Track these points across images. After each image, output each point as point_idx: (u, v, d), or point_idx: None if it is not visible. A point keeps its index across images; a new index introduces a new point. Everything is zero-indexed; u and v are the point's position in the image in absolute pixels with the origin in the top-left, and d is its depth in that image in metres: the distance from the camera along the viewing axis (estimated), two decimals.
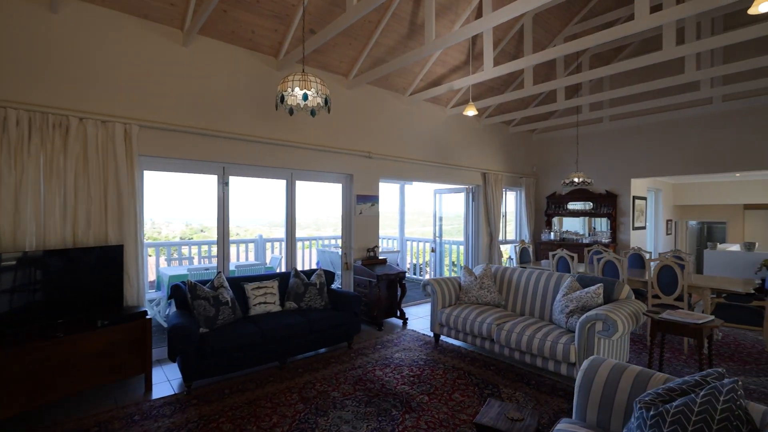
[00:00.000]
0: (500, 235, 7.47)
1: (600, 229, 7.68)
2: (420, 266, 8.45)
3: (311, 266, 7.72)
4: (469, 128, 6.94)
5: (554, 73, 6.54)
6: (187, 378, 3.01)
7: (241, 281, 3.84)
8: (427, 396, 3.00)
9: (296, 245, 4.80)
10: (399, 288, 5.02)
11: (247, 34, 4.06)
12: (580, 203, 7.67)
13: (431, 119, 6.26)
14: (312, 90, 2.73)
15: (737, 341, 4.35)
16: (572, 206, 7.78)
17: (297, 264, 4.85)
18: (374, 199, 5.36)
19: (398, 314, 5.04)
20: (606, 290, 3.46)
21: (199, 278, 4.18)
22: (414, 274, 8.51)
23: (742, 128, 5.99)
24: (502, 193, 7.39)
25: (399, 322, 5.02)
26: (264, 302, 3.76)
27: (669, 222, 9.48)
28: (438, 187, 7.63)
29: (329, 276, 4.35)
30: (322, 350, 3.95)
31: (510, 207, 8.24)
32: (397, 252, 7.49)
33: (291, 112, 2.98)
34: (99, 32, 3.35)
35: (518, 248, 6.00)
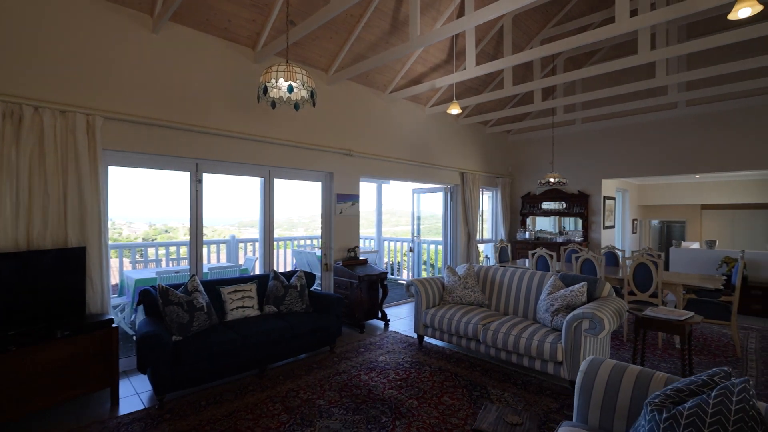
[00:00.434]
0: (478, 235, 7.53)
1: (569, 229, 7.90)
2: (397, 266, 8.38)
3: (287, 267, 7.48)
4: (448, 128, 6.94)
5: (531, 75, 6.65)
6: (159, 390, 2.78)
7: (217, 284, 3.62)
8: (416, 400, 2.92)
9: (274, 246, 4.60)
10: (380, 289, 4.93)
11: (223, 23, 3.84)
12: (554, 203, 7.85)
13: (411, 118, 6.20)
14: (297, 82, 2.58)
15: (705, 335, 4.54)
16: (546, 206, 7.95)
17: (274, 265, 4.65)
18: (355, 198, 5.24)
19: (380, 315, 4.94)
20: (588, 288, 3.51)
21: (170, 282, 3.92)
22: (391, 274, 8.44)
23: (703, 132, 6.30)
24: (480, 193, 7.45)
25: (381, 324, 4.92)
26: (242, 306, 3.56)
27: (634, 221, 9.90)
28: (416, 187, 7.59)
29: (309, 277, 4.19)
30: (303, 356, 3.79)
31: (486, 207, 8.34)
32: (376, 252, 7.39)
33: (273, 105, 2.82)
34: (58, 12, 3.05)
35: (497, 247, 6.04)
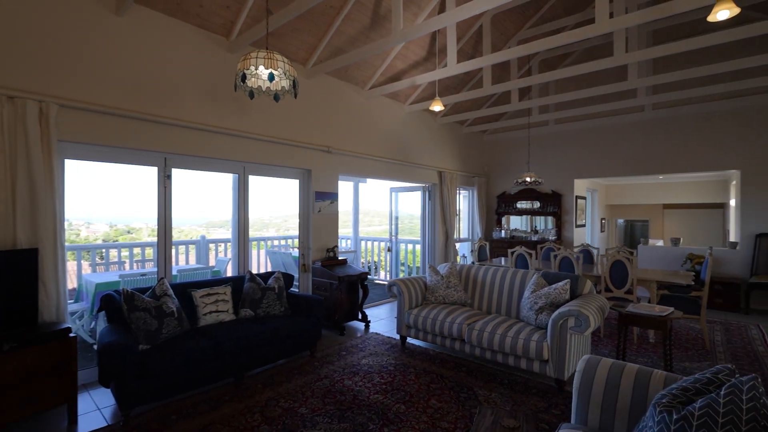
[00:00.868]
0: (455, 234, 7.54)
1: (541, 228, 8.07)
2: (374, 266, 8.27)
3: (260, 269, 7.20)
4: (426, 127, 6.90)
5: (507, 76, 6.71)
6: (125, 405, 2.53)
7: (188, 288, 3.38)
8: (404, 405, 2.81)
9: (249, 246, 4.37)
10: (360, 289, 4.80)
11: (195, 9, 3.59)
12: (529, 202, 7.99)
13: (390, 115, 6.11)
14: (279, 70, 2.42)
15: (675, 329, 4.71)
16: (521, 205, 8.08)
17: (246, 266, 4.41)
18: (333, 197, 5.08)
19: (360, 317, 4.81)
20: (571, 286, 3.53)
21: (136, 286, 3.63)
22: (369, 275, 8.31)
23: (667, 135, 6.57)
24: (457, 192, 7.46)
25: (361, 326, 4.79)
26: (216, 311, 3.33)
27: (602, 220, 10.25)
28: (394, 186, 7.51)
29: (287, 279, 4.00)
30: (282, 361, 3.61)
31: (462, 206, 8.37)
32: (353, 252, 7.25)
33: (251, 95, 2.63)
34: None
35: (476, 246, 6.06)
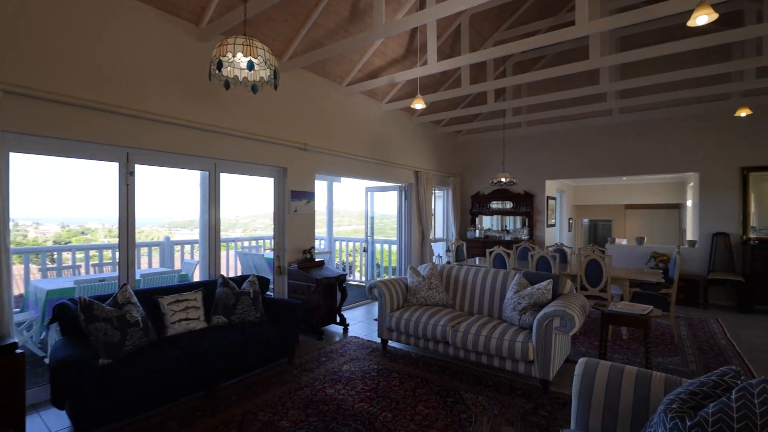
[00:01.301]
0: (431, 234, 7.52)
1: (510, 228, 8.22)
2: (349, 266, 8.11)
3: (230, 271, 6.87)
4: (403, 126, 6.83)
5: (483, 77, 6.75)
6: (83, 427, 2.27)
7: (154, 294, 3.11)
8: (390, 413, 2.70)
9: (220, 248, 4.11)
10: (339, 292, 4.64)
11: None
12: (502, 203, 8.10)
13: (367, 113, 5.98)
14: (259, 58, 2.24)
15: None
16: (494, 205, 8.18)
17: (218, 270, 4.15)
18: (310, 196, 4.89)
19: (338, 320, 4.65)
20: (552, 285, 3.55)
21: (94, 293, 3.31)
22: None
23: (634, 138, 6.85)
24: (433, 192, 7.44)
25: (339, 329, 4.64)
26: (185, 318, 3.09)
27: (570, 220, 10.59)
28: (370, 185, 7.39)
29: (263, 282, 3.80)
30: (259, 370, 3.40)
31: (436, 206, 8.37)
32: (328, 253, 7.07)
33: (227, 86, 2.44)
34: None
35: (454, 246, 6.04)
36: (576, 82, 6.89)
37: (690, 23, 2.70)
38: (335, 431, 2.47)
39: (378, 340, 4.19)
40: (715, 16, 2.60)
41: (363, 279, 7.75)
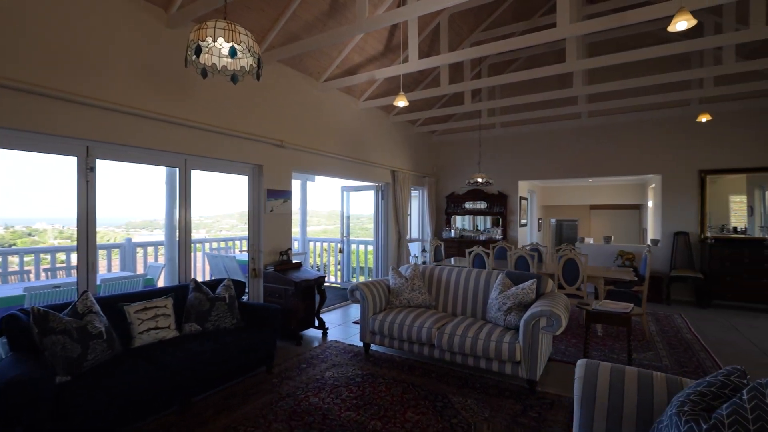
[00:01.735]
0: (408, 234, 7.47)
1: (481, 227, 8.34)
2: (323, 267, 7.92)
3: (196, 275, 6.51)
4: (380, 124, 6.73)
5: (460, 77, 6.77)
6: None
7: (119, 302, 2.84)
8: (379, 421, 2.60)
9: (191, 251, 3.85)
10: (318, 294, 4.48)
11: None
12: (477, 203, 8.18)
13: (344, 111, 5.84)
14: (242, 45, 2.07)
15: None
16: (469, 205, 8.25)
17: (189, 274, 3.88)
18: (287, 195, 4.70)
19: (317, 324, 4.49)
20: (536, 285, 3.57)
21: (48, 302, 2.99)
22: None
23: (602, 141, 7.10)
24: (410, 192, 7.39)
25: (318, 333, 4.48)
26: (155, 328, 2.84)
27: (539, 220, 10.89)
28: (346, 185, 7.25)
29: (239, 286, 3.58)
30: (236, 380, 3.19)
31: (412, 206, 8.34)
32: (303, 254, 6.85)
33: (204, 74, 2.25)
34: None
35: (433, 246, 6.02)
36: (547, 86, 7.07)
37: (670, 28, 2.78)
38: None
39: (359, 344, 4.07)
40: (694, 22, 2.68)
41: (338, 281, 7.59)
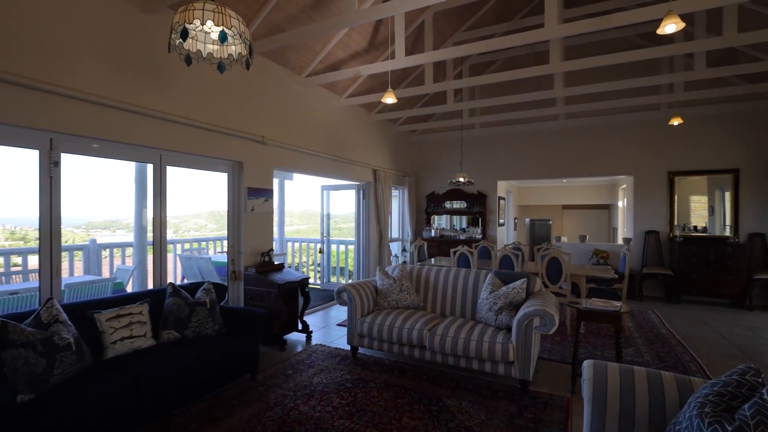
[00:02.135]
0: (389, 234, 7.39)
1: (458, 227, 8.40)
2: (302, 268, 7.72)
3: (167, 278, 6.17)
4: (362, 122, 6.62)
5: (442, 76, 6.76)
6: None
7: (88, 309, 2.59)
8: (375, 428, 2.49)
9: (167, 251, 3.60)
10: (302, 297, 4.32)
11: None
12: (457, 202, 8.21)
13: (326, 108, 5.68)
14: (233, 29, 1.91)
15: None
16: (448, 205, 8.28)
17: (165, 277, 3.63)
18: (268, 194, 4.50)
19: (300, 328, 4.32)
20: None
21: (5, 310, 2.69)
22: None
23: (577, 143, 7.29)
24: (391, 191, 7.32)
25: (302, 337, 4.32)
26: (129, 336, 2.61)
27: (516, 220, 11.09)
28: (326, 183, 7.09)
29: (220, 290, 3.38)
30: (218, 391, 2.99)
31: (392, 205, 8.28)
32: (283, 255, 6.64)
33: (188, 61, 2.07)
34: None
35: (416, 246, 5.96)
36: (526, 88, 7.18)
37: (659, 31, 2.83)
38: None
39: (346, 347, 3.94)
40: (683, 25, 2.74)
41: (317, 282, 7.41)
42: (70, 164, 2.93)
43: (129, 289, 4.51)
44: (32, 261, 4.64)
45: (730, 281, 5.83)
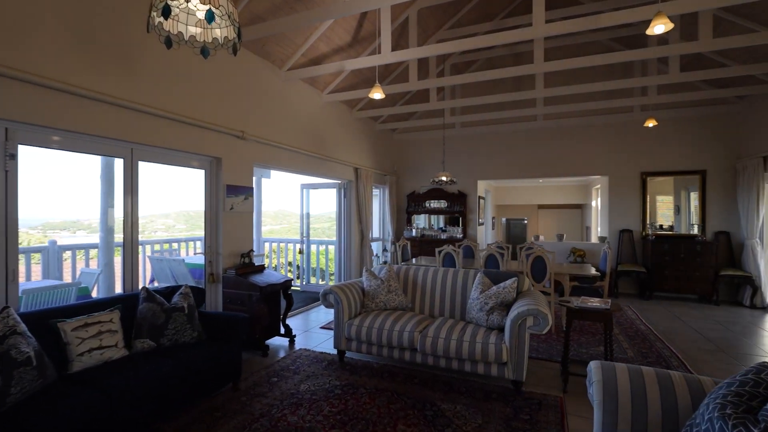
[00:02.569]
0: (370, 234, 7.27)
1: (436, 226, 8.40)
2: (282, 269, 7.48)
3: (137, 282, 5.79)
4: (343, 119, 6.47)
5: (425, 74, 6.70)
6: None
7: (50, 318, 2.34)
8: None
9: (137, 253, 3.33)
10: (284, 299, 4.14)
11: None
12: (437, 202, 8.19)
13: (307, 103, 5.50)
14: (221, 9, 1.74)
15: None
16: (429, 205, 8.25)
17: (136, 281, 3.36)
18: (248, 191, 4.29)
19: (283, 332, 4.14)
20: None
21: None
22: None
23: (554, 144, 7.42)
24: (372, 191, 7.20)
25: (285, 342, 4.13)
26: (99, 347, 2.37)
27: (493, 219, 11.22)
28: (306, 182, 6.89)
29: (198, 294, 3.16)
30: (198, 402, 2.79)
31: (373, 205, 8.17)
32: (261, 255, 6.39)
33: (169, 44, 1.88)
34: None
35: (400, 246, 5.88)
36: (504, 89, 7.25)
37: (648, 32, 2.86)
38: None
39: (332, 351, 3.80)
40: (671, 26, 2.77)
41: (297, 283, 7.19)
42: (26, 159, 2.66)
43: (95, 294, 4.18)
44: None
45: (699, 277, 6.08)
